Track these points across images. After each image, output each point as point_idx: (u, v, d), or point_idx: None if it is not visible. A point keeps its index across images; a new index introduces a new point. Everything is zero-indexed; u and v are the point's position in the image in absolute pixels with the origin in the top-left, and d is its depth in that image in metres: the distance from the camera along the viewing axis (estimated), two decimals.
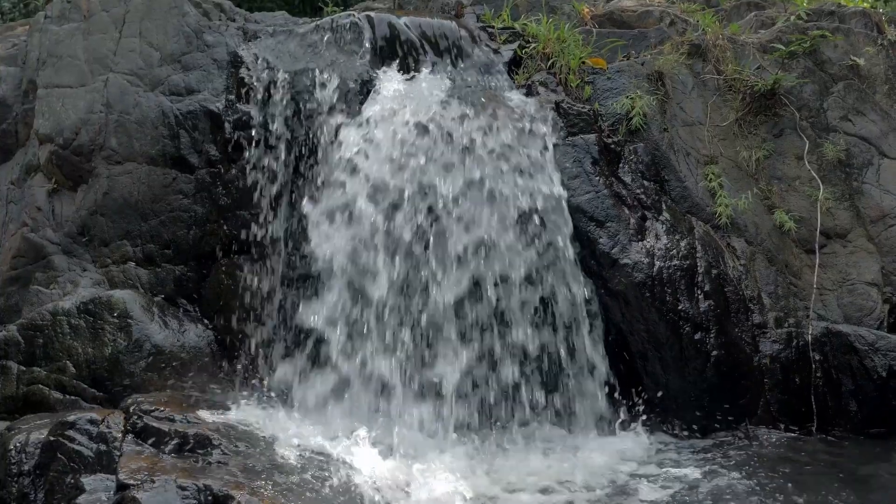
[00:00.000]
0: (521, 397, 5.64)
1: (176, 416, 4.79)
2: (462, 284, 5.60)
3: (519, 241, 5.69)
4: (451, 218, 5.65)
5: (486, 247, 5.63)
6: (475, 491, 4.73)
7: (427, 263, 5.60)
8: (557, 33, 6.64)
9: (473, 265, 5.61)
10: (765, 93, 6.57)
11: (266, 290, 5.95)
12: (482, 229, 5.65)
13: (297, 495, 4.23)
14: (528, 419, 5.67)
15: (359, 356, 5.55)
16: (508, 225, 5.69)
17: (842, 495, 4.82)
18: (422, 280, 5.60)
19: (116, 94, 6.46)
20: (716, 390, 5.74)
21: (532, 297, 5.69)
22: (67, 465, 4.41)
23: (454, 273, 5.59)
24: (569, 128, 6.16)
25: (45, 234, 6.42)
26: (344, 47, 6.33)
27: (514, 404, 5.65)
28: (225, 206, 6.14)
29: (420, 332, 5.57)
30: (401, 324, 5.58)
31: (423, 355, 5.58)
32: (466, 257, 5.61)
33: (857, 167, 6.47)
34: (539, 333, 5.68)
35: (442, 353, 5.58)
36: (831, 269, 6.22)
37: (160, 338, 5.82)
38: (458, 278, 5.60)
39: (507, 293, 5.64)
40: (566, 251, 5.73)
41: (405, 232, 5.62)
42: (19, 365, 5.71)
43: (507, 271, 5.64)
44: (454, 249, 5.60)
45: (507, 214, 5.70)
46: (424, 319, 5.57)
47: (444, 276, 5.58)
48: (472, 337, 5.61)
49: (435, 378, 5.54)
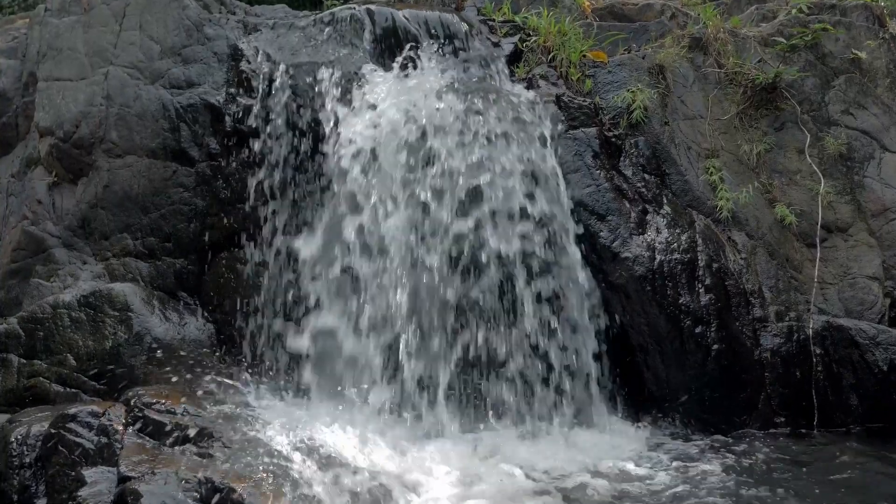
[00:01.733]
0: (516, 388, 5.64)
1: (177, 408, 4.79)
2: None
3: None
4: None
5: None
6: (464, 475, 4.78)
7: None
8: (558, 26, 6.64)
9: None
10: (766, 86, 6.57)
11: (266, 283, 5.95)
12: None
13: (299, 487, 4.23)
14: (524, 411, 5.66)
15: (363, 348, 5.56)
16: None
17: (842, 490, 4.82)
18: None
19: (117, 87, 6.45)
20: (716, 384, 5.73)
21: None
22: (69, 458, 4.41)
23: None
24: (569, 121, 6.16)
25: (46, 227, 6.41)
26: (344, 41, 6.32)
27: (507, 396, 5.65)
28: (225, 199, 6.14)
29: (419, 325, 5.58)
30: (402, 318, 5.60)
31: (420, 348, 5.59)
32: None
33: (858, 161, 6.47)
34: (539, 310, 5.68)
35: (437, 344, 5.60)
36: (832, 262, 6.22)
37: (161, 331, 5.81)
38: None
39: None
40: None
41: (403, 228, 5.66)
42: (20, 358, 5.69)
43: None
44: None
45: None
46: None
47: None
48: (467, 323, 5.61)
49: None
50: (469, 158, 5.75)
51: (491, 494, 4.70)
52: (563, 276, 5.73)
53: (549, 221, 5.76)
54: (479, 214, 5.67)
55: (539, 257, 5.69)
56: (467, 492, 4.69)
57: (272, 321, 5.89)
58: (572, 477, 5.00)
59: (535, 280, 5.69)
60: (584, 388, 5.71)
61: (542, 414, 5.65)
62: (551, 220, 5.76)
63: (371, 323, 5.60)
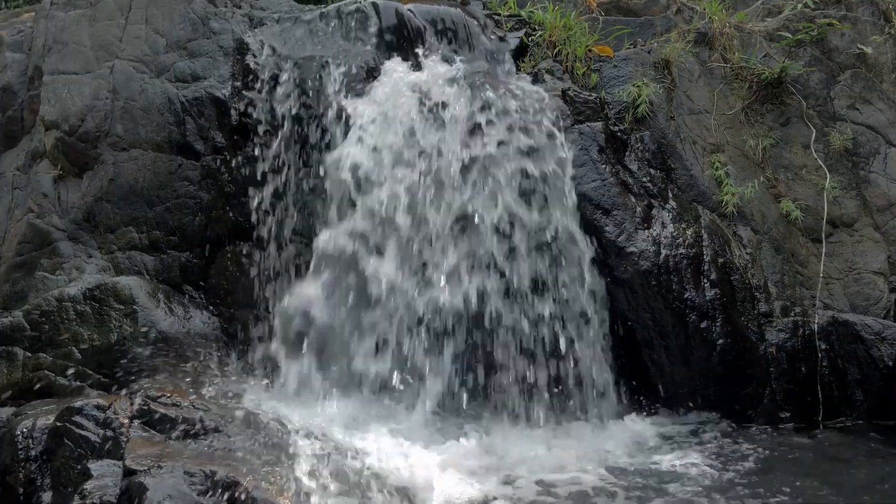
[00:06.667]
0: (521, 382, 5.64)
1: (182, 401, 4.78)
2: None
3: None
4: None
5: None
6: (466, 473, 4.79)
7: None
8: (563, 21, 6.63)
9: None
10: (771, 81, 6.56)
11: (272, 276, 5.95)
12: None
13: (305, 480, 4.23)
14: (529, 405, 5.66)
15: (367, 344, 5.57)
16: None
17: (848, 485, 4.82)
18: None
19: (122, 81, 6.45)
20: (721, 379, 5.73)
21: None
22: (74, 451, 4.40)
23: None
24: (575, 115, 6.15)
25: (51, 221, 6.41)
26: (350, 35, 6.31)
27: (513, 389, 5.65)
28: (231, 192, 6.13)
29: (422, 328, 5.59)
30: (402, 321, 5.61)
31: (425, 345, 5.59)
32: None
33: (863, 156, 6.47)
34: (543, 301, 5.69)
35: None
36: (837, 258, 6.22)
37: (166, 324, 5.81)
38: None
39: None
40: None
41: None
42: (25, 351, 5.70)
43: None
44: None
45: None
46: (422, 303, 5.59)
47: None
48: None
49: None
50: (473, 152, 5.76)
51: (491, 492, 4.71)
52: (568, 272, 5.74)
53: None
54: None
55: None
56: (469, 491, 4.69)
57: (278, 314, 5.88)
58: (576, 472, 5.00)
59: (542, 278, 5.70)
60: (589, 382, 5.70)
61: (546, 408, 5.65)
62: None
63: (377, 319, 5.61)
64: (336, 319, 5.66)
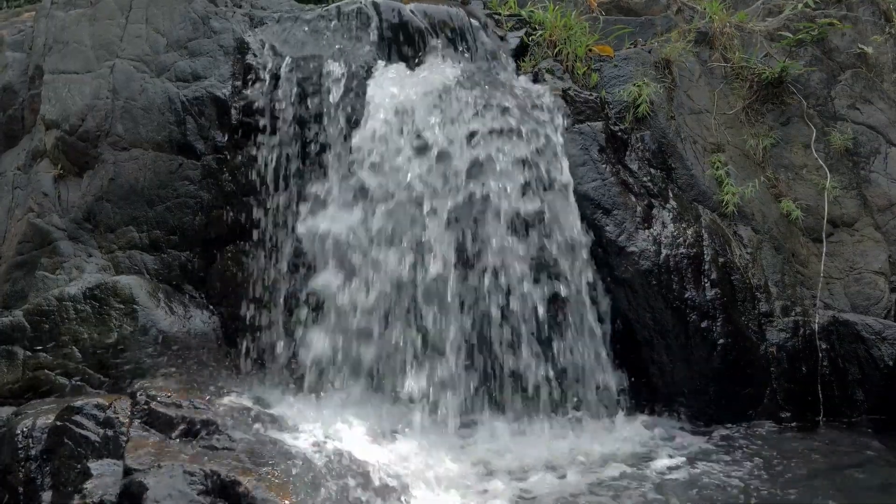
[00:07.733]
0: (522, 382, 5.64)
1: (182, 401, 4.80)
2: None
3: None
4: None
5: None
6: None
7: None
8: (564, 20, 6.63)
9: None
10: (772, 81, 6.56)
11: (272, 276, 5.95)
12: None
13: (304, 481, 4.23)
14: (528, 405, 5.66)
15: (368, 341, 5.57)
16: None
17: (848, 483, 4.82)
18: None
19: (122, 80, 6.44)
20: (721, 379, 5.73)
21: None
22: (74, 451, 4.41)
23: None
24: (575, 115, 6.15)
25: (51, 220, 6.41)
26: (350, 34, 6.31)
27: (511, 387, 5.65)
28: (231, 192, 6.13)
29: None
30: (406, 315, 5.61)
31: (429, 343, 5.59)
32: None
33: (864, 156, 6.47)
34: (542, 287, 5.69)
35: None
36: (838, 257, 6.22)
37: (166, 324, 5.80)
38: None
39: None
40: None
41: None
42: (25, 350, 5.69)
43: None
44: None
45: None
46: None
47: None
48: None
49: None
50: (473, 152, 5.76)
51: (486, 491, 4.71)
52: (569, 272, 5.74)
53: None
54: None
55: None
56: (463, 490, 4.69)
57: (278, 315, 5.88)
58: (575, 471, 5.00)
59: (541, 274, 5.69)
60: (589, 382, 5.70)
61: (546, 407, 5.65)
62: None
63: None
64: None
